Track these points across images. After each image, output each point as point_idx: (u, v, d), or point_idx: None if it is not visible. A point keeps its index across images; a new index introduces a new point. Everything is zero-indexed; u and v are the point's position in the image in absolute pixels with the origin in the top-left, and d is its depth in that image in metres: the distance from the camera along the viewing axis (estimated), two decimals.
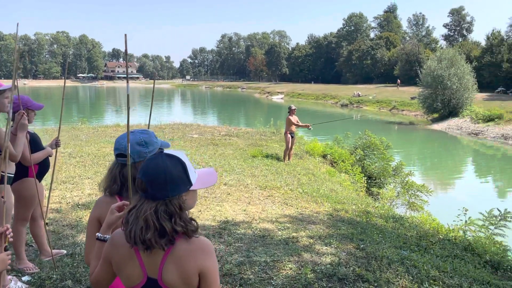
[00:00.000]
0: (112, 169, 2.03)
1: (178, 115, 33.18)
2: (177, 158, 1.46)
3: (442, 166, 18.85)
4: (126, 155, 1.90)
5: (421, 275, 3.92)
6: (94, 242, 1.87)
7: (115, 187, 1.97)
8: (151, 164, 1.44)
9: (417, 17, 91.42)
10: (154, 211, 1.39)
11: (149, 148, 1.95)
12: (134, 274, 1.46)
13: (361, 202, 7.65)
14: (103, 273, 1.58)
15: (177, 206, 1.41)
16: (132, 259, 1.46)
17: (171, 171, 1.41)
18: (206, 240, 1.48)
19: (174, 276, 1.42)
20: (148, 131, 2.05)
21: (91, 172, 7.67)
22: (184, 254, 1.42)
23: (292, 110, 11.14)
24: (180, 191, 1.42)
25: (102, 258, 1.57)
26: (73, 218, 5.17)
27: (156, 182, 1.40)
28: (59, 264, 3.78)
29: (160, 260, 1.43)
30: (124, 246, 1.47)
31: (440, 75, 30.79)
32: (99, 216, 1.91)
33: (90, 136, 12.91)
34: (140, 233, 1.38)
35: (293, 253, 4.32)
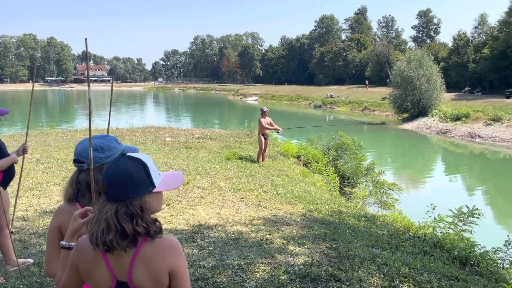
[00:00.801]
0: (72, 175, 1.99)
1: (151, 118, 32.73)
2: (139, 160, 1.46)
3: (413, 165, 19.34)
4: (82, 161, 1.89)
5: (392, 272, 3.99)
6: (55, 251, 1.83)
7: (71, 193, 1.92)
8: (112, 167, 1.45)
9: (387, 19, 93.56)
10: (114, 212, 1.39)
11: (105, 153, 1.91)
12: (103, 279, 1.45)
13: (334, 202, 7.75)
14: (70, 281, 1.55)
15: (138, 207, 1.40)
16: (99, 264, 1.45)
17: (132, 173, 1.41)
18: (173, 240, 1.49)
19: (144, 278, 1.42)
20: (108, 136, 2.00)
21: (59, 178, 7.45)
22: (153, 255, 1.42)
23: (264, 112, 11.18)
24: (141, 193, 1.42)
25: (68, 266, 1.54)
26: (40, 226, 5.01)
27: (116, 184, 1.41)
28: (25, 274, 3.65)
29: (128, 263, 1.42)
30: (91, 252, 1.45)
31: (409, 75, 31.61)
32: (59, 224, 1.87)
33: (59, 141, 12.55)
34: (101, 235, 1.38)
35: (266, 255, 4.32)
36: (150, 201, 1.45)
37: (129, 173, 1.41)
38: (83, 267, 1.48)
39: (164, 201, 3.43)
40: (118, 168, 1.43)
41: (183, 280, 1.46)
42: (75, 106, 56.04)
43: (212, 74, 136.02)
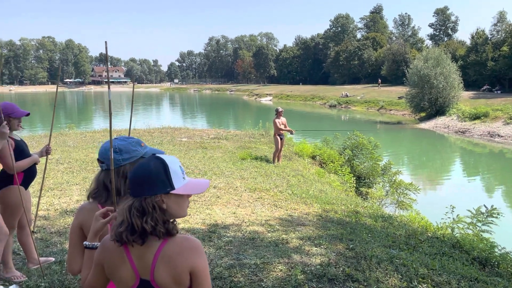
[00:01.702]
0: (97, 174, 2.04)
1: (167, 118, 33.05)
2: (161, 160, 1.49)
3: (430, 165, 19.07)
4: (102, 161, 1.95)
5: (410, 273, 3.96)
6: (77, 250, 1.87)
7: (91, 190, 1.97)
8: (137, 165, 1.52)
9: (403, 17, 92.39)
10: (128, 206, 1.44)
11: (123, 155, 1.93)
12: (127, 276, 1.48)
13: (350, 202, 7.70)
14: (96, 279, 1.59)
15: (150, 205, 1.43)
16: (124, 262, 1.48)
17: (150, 171, 1.46)
18: (195, 240, 1.51)
19: (166, 276, 1.44)
20: (130, 138, 2.03)
21: (79, 178, 7.60)
22: (174, 254, 1.44)
23: (279, 113, 11.19)
24: (156, 192, 1.45)
25: (94, 265, 1.58)
26: (61, 225, 5.12)
27: (135, 180, 1.47)
28: (47, 272, 3.74)
29: (151, 261, 1.45)
30: (115, 250, 1.49)
31: (427, 74, 31.15)
32: (80, 223, 1.91)
33: (78, 142, 12.78)
34: (116, 228, 1.44)
35: (283, 255, 4.33)
36: (168, 202, 1.47)
37: (147, 171, 1.45)
38: (108, 265, 1.52)
39: None
40: (140, 166, 1.50)
41: (204, 280, 1.48)
42: (93, 108, 56.86)
43: (227, 74, 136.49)
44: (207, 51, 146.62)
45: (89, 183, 6.33)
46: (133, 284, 1.49)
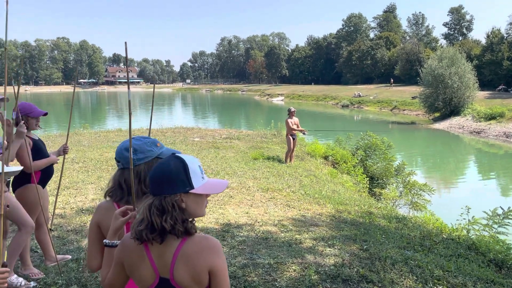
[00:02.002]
0: (114, 173, 2.06)
1: (179, 118, 33.23)
2: (181, 159, 1.51)
3: (445, 165, 18.84)
4: (118, 160, 1.97)
5: (425, 274, 3.93)
6: (96, 247, 1.90)
7: (108, 188, 2.00)
8: (158, 163, 1.53)
9: (417, 16, 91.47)
10: (149, 205, 1.46)
11: (137, 155, 1.94)
12: (147, 275, 1.50)
13: (364, 203, 7.66)
14: (116, 278, 1.61)
15: (169, 204, 1.45)
16: (143, 260, 1.50)
17: (170, 170, 1.47)
18: (214, 240, 1.52)
19: (185, 275, 1.46)
20: (146, 138, 2.04)
21: (94, 177, 7.69)
22: (193, 253, 1.46)
23: (291, 113, 11.17)
24: (175, 191, 1.46)
25: (114, 263, 1.60)
26: (77, 223, 5.19)
27: (155, 179, 1.49)
28: (64, 270, 3.80)
29: (170, 260, 1.47)
30: (135, 248, 1.51)
31: (441, 74, 30.79)
32: (98, 221, 1.94)
33: (92, 141, 12.94)
34: (136, 226, 1.45)
35: (296, 255, 4.33)
36: (187, 201, 1.48)
37: (167, 170, 1.47)
38: (128, 263, 1.54)
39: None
40: (160, 165, 1.51)
41: (223, 279, 1.49)
42: (107, 108, 57.46)
43: (239, 74, 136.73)
44: (219, 52, 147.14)
45: (104, 182, 6.44)
46: (153, 283, 1.50)
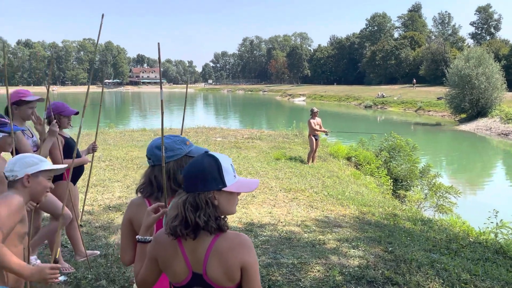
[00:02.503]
0: (145, 170, 2.13)
1: (201, 119, 33.51)
2: (214, 158, 1.54)
3: (471, 168, 18.38)
4: (148, 157, 2.03)
5: (452, 278, 3.86)
6: (128, 242, 1.97)
7: (141, 186, 2.05)
8: (192, 161, 1.56)
9: (443, 15, 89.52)
10: (183, 201, 1.50)
11: (167, 153, 1.99)
12: (180, 270, 1.54)
13: (388, 204, 7.57)
14: (149, 273, 1.65)
15: (203, 201, 1.48)
16: (177, 256, 1.54)
17: (204, 168, 1.51)
18: (246, 237, 1.55)
19: (217, 271, 1.49)
20: (176, 137, 2.09)
21: (120, 175, 7.86)
22: (225, 249, 1.49)
23: (314, 113, 11.14)
24: (209, 188, 1.50)
25: (147, 258, 1.64)
26: (105, 220, 5.33)
27: (189, 176, 1.52)
28: (93, 265, 3.91)
29: (203, 256, 1.50)
30: (169, 244, 1.55)
31: (468, 74, 30.06)
32: (130, 217, 2.00)
33: (118, 140, 13.22)
34: (171, 221, 1.49)
35: (320, 256, 4.32)
36: (220, 199, 1.52)
37: (201, 168, 1.51)
38: (162, 259, 1.58)
39: None
40: (194, 162, 1.54)
41: (254, 275, 1.51)
42: (130, 108, 58.46)
43: (260, 75, 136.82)
44: (241, 52, 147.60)
45: (130, 180, 6.56)
46: (186, 278, 1.54)
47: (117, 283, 3.60)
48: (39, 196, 2.12)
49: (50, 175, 2.16)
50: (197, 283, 1.53)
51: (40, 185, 2.10)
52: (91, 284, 3.55)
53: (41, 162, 2.12)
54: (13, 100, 3.39)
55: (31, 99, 3.47)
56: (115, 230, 4.94)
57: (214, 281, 1.50)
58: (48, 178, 2.15)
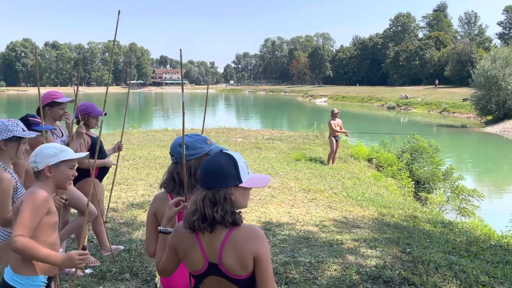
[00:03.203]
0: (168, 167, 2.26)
1: (222, 119, 33.78)
2: (231, 156, 1.66)
3: (497, 171, 17.95)
4: (172, 154, 2.18)
5: (470, 280, 3.85)
6: (153, 234, 2.12)
7: (164, 182, 2.20)
8: (208, 159, 1.67)
9: (469, 15, 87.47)
10: (202, 197, 1.60)
11: (189, 151, 2.13)
12: (197, 259, 1.66)
13: (408, 206, 7.53)
14: (169, 262, 1.78)
15: (222, 197, 1.59)
16: (195, 246, 1.65)
17: (222, 166, 1.61)
18: (259, 229, 1.67)
19: (232, 260, 1.60)
20: (198, 136, 2.22)
21: (143, 174, 8.08)
22: (240, 240, 1.60)
23: (334, 114, 11.14)
24: (227, 184, 1.60)
25: (168, 248, 1.77)
26: (128, 216, 5.52)
27: (208, 174, 1.62)
28: (117, 259, 4.08)
29: (219, 247, 1.61)
30: (187, 236, 1.66)
31: (494, 75, 29.36)
32: (154, 211, 2.15)
33: (141, 140, 13.51)
34: (189, 216, 1.60)
35: (337, 255, 4.38)
36: (236, 194, 1.63)
37: (220, 166, 1.61)
38: (181, 249, 1.70)
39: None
40: (212, 160, 1.65)
41: (266, 265, 1.61)
42: (153, 108, 59.38)
43: (282, 75, 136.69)
44: (263, 53, 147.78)
45: (152, 179, 6.76)
46: (203, 267, 1.65)
47: (140, 276, 3.75)
48: (63, 184, 2.19)
49: (71, 164, 2.21)
50: (212, 272, 1.64)
51: (62, 174, 2.16)
52: (115, 277, 3.71)
53: (61, 152, 2.15)
54: (47, 101, 3.58)
55: (63, 100, 3.66)
56: (138, 226, 5.12)
57: (229, 270, 1.61)
58: (70, 167, 2.20)
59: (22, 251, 1.96)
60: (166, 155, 10.54)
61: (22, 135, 2.56)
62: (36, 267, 2.06)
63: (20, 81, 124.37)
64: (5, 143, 2.52)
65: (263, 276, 1.61)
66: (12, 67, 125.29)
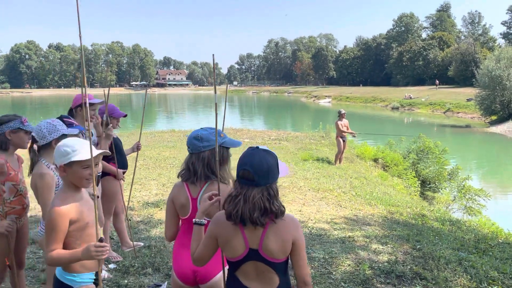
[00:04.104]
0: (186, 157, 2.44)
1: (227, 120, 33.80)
2: (272, 153, 1.83)
3: (502, 171, 18.01)
4: (188, 146, 2.36)
5: (480, 275, 3.98)
6: (171, 220, 2.37)
7: (181, 171, 2.39)
8: (255, 158, 1.76)
9: (473, 15, 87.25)
10: (261, 195, 1.74)
11: (203, 143, 2.31)
12: (238, 246, 1.80)
13: (416, 205, 7.65)
14: (206, 250, 1.91)
15: (274, 190, 1.77)
16: (237, 234, 1.80)
17: (271, 164, 1.78)
18: (294, 216, 1.85)
19: (273, 245, 1.76)
20: (211, 129, 2.38)
21: (155, 174, 8.24)
22: (280, 226, 1.77)
23: (341, 115, 11.26)
24: (275, 179, 1.79)
25: (207, 237, 1.90)
26: (145, 215, 5.67)
27: (261, 173, 1.74)
28: (138, 255, 4.23)
29: (261, 234, 1.77)
30: (228, 224, 1.80)
31: (499, 75, 29.39)
32: (172, 197, 2.37)
33: (149, 141, 13.69)
34: (248, 213, 1.73)
35: (350, 251, 4.51)
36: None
37: (270, 164, 1.77)
38: (222, 237, 1.84)
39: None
40: (261, 159, 1.75)
41: (301, 249, 1.80)
42: (156, 110, 59.58)
43: (285, 76, 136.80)
44: (266, 54, 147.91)
45: (164, 178, 6.92)
46: (243, 253, 1.80)
47: (161, 271, 3.90)
48: (79, 184, 2.13)
49: (85, 164, 2.10)
50: (252, 257, 1.79)
51: (75, 174, 2.09)
52: (138, 272, 3.87)
53: (73, 152, 2.07)
54: (79, 102, 3.75)
55: (94, 101, 3.82)
56: (155, 224, 5.27)
57: (269, 255, 1.76)
58: (83, 167, 2.09)
59: (54, 264, 2.10)
60: (175, 155, 10.71)
61: (68, 132, 2.75)
62: (83, 265, 2.15)
63: (24, 83, 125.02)
64: (56, 142, 2.70)
65: (299, 259, 1.79)
66: (17, 69, 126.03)
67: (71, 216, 2.09)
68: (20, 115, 2.95)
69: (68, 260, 2.06)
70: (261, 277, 1.82)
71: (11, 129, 2.88)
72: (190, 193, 2.32)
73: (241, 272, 1.84)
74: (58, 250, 2.04)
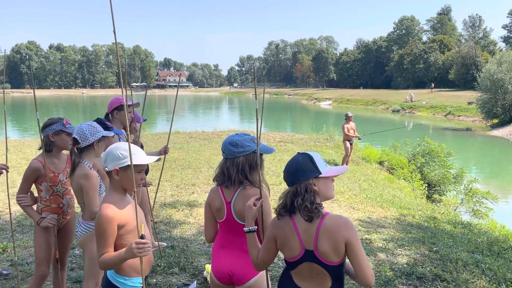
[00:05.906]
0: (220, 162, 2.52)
1: (228, 121, 33.98)
2: (306, 154, 1.95)
3: (503, 174, 18.11)
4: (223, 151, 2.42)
5: (498, 277, 4.07)
6: (209, 222, 2.48)
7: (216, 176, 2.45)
8: (289, 161, 1.96)
9: (474, 18, 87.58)
10: (287, 192, 1.91)
11: (238, 148, 2.37)
12: (294, 247, 1.89)
13: (426, 208, 7.75)
14: (268, 254, 2.01)
15: (303, 188, 1.86)
16: (293, 235, 1.89)
17: (299, 162, 1.90)
18: (348, 218, 1.91)
19: (326, 246, 1.81)
20: (245, 135, 2.46)
21: (168, 175, 8.32)
22: (332, 228, 1.82)
23: (348, 118, 11.36)
24: (307, 177, 1.86)
25: (266, 240, 1.99)
26: (164, 216, 5.76)
27: (290, 172, 1.91)
28: (163, 255, 4.32)
29: (314, 234, 1.84)
30: (286, 226, 1.90)
31: (500, 78, 29.54)
32: (209, 202, 2.46)
33: (156, 143, 13.75)
34: (277, 207, 1.93)
35: (369, 253, 4.60)
36: (318, 185, 1.87)
37: (298, 163, 1.90)
38: (280, 238, 1.93)
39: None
40: (291, 161, 1.94)
41: (358, 249, 1.80)
42: (156, 111, 59.65)
43: (286, 78, 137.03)
44: (266, 56, 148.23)
45: (177, 180, 7.02)
46: (299, 253, 1.88)
47: (188, 271, 3.99)
48: (129, 187, 2.13)
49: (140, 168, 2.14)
50: (308, 259, 1.87)
51: (128, 178, 2.08)
52: (165, 271, 3.95)
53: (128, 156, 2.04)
54: (115, 105, 3.83)
55: (129, 103, 3.91)
56: (175, 225, 5.36)
57: (323, 256, 1.83)
58: (138, 171, 2.12)
59: (105, 268, 2.10)
60: (185, 157, 10.79)
61: (107, 134, 2.84)
62: (134, 269, 2.17)
63: (24, 83, 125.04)
64: (97, 143, 2.79)
65: (357, 259, 1.79)
66: (17, 69, 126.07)
67: (119, 220, 2.10)
68: (62, 117, 3.03)
69: (115, 262, 2.05)
70: (314, 279, 1.89)
71: (53, 131, 2.96)
72: (224, 197, 2.39)
73: (296, 272, 1.93)
74: (106, 254, 2.05)
